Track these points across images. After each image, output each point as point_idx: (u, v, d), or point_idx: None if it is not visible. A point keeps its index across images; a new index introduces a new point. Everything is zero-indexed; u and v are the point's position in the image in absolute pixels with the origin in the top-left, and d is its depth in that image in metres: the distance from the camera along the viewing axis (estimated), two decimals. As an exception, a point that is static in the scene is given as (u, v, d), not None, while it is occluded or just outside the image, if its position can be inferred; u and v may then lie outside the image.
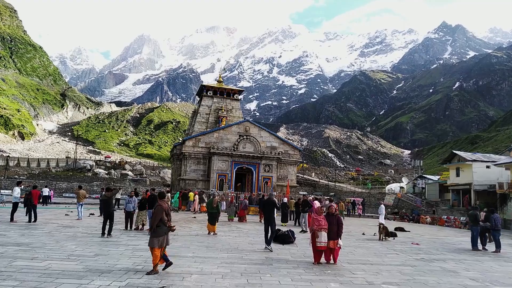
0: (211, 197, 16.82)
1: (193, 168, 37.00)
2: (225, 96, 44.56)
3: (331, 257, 9.98)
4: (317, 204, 21.48)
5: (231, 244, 12.69)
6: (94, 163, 78.74)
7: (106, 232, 13.17)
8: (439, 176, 55.06)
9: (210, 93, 44.15)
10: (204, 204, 27.63)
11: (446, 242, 17.57)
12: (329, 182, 72.08)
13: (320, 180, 75.20)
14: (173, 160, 42.50)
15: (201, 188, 35.19)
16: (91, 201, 34.92)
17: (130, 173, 74.14)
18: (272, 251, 11.47)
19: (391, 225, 18.38)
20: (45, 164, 77.61)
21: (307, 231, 18.02)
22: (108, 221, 13.42)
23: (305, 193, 47.86)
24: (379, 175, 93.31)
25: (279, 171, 38.51)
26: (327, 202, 19.79)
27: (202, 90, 44.77)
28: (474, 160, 40.74)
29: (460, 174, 42.04)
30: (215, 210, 15.10)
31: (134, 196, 15.93)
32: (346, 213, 33.88)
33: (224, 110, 42.95)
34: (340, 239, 9.92)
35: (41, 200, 32.16)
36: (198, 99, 47.79)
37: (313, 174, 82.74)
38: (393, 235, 17.90)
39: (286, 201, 23.10)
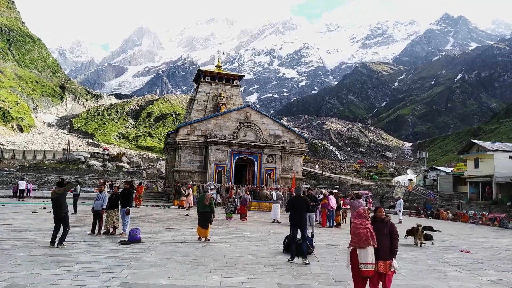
0: (204, 192, 13.33)
1: (188, 158, 33.54)
2: (224, 82, 41.09)
3: (380, 285, 6.36)
4: (332, 199, 17.95)
5: (227, 257, 9.22)
6: (88, 155, 76.00)
7: (56, 240, 9.75)
8: (453, 168, 51.86)
9: (208, 79, 40.65)
10: (184, 199, 24.71)
11: (497, 247, 14.11)
12: (334, 175, 69.06)
13: (324, 173, 72.11)
14: (167, 150, 39.02)
15: (197, 181, 31.83)
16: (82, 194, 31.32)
17: (126, 165, 71.43)
18: (308, 264, 8.80)
19: (413, 223, 14.79)
20: (41, 156, 75.26)
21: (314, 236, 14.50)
22: (62, 226, 10.01)
23: (308, 186, 44.62)
24: (383, 167, 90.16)
25: (283, 162, 35.06)
26: (348, 199, 16.29)
27: (200, 75, 41.30)
28: (496, 150, 37.36)
29: (480, 165, 38.73)
30: (208, 209, 11.64)
31: (104, 191, 12.49)
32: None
33: (223, 97, 39.47)
34: (395, 258, 6.35)
35: (17, 194, 29.22)
36: (195, 85, 44.39)
37: (317, 166, 79.58)
38: (430, 237, 14.53)
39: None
